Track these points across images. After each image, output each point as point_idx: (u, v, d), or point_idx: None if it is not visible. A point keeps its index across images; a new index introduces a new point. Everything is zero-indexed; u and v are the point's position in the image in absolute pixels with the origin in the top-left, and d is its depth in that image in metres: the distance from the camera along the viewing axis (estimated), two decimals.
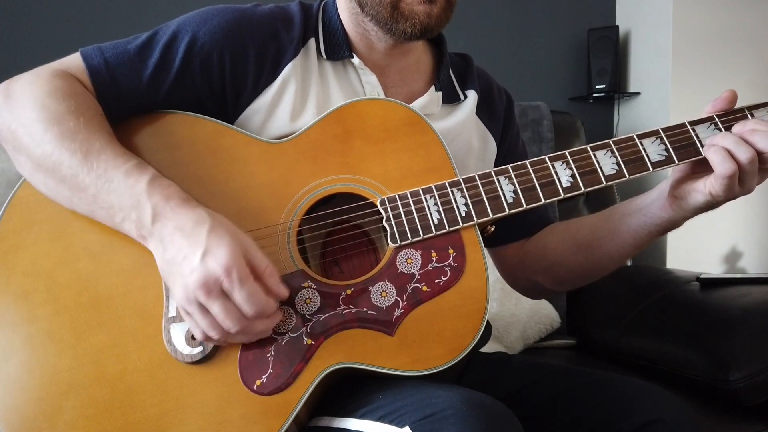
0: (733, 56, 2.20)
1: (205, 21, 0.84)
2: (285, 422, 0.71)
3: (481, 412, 0.64)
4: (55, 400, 0.72)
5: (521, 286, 1.09)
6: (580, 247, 0.94)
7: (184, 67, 0.82)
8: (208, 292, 0.66)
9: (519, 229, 1.03)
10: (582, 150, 0.81)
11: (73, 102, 0.75)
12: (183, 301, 0.68)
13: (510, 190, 0.79)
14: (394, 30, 0.85)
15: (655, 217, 0.85)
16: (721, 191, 0.76)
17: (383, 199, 0.79)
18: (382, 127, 0.82)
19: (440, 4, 0.84)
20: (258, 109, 0.85)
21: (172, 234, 0.69)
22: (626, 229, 0.88)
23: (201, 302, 0.67)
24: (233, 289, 0.66)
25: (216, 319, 0.67)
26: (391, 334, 0.74)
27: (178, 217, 0.70)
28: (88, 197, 0.73)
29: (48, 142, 0.73)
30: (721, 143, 0.76)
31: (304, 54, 0.88)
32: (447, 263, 0.77)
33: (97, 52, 0.81)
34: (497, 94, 1.03)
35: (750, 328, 1.25)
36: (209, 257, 0.66)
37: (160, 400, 0.71)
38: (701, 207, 0.80)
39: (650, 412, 0.78)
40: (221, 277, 0.66)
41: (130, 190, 0.71)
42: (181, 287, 0.67)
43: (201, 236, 0.68)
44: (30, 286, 0.75)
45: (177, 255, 0.68)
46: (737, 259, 2.21)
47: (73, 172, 0.72)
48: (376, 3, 0.84)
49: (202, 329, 0.69)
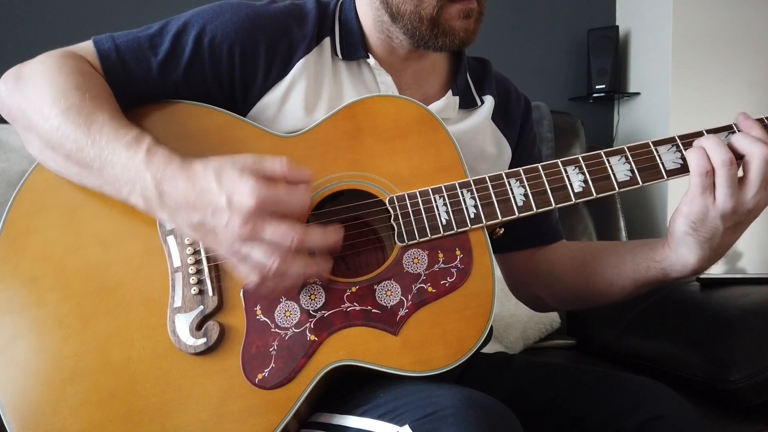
0: (733, 56, 2.20)
1: (218, 14, 0.84)
2: (285, 417, 0.71)
3: (480, 412, 0.64)
4: (60, 386, 0.72)
5: (524, 296, 1.08)
6: (585, 267, 0.93)
7: (193, 58, 0.82)
8: (252, 226, 0.65)
9: (530, 238, 1.02)
10: (595, 155, 0.80)
11: (81, 78, 0.76)
12: (237, 244, 0.66)
13: (521, 193, 0.79)
14: (431, 44, 0.85)
15: (656, 253, 0.82)
16: (694, 199, 0.74)
17: (392, 197, 0.79)
18: (393, 124, 0.82)
19: (475, 18, 0.84)
20: (268, 105, 0.85)
21: (185, 198, 0.68)
22: (631, 258, 0.86)
23: (255, 236, 0.66)
24: (273, 205, 0.66)
25: (273, 242, 0.66)
26: (394, 333, 0.73)
27: (182, 180, 0.69)
28: (94, 171, 0.73)
29: (55, 116, 0.73)
30: (702, 143, 0.75)
31: (317, 52, 0.88)
32: (454, 264, 0.76)
33: (109, 38, 0.82)
34: (515, 99, 1.03)
35: (750, 328, 1.25)
36: (235, 198, 0.65)
37: (163, 389, 0.72)
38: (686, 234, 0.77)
39: (651, 408, 0.78)
40: (255, 208, 0.65)
41: (130, 162, 0.70)
42: (230, 236, 0.66)
43: (213, 187, 0.67)
44: (39, 271, 0.75)
45: (204, 214, 0.67)
46: (737, 259, 2.21)
47: (78, 146, 0.72)
48: (415, 19, 0.83)
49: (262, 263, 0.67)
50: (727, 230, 0.76)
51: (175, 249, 0.76)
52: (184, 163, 0.70)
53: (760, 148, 0.73)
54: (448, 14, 0.82)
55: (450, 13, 0.82)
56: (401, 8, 0.83)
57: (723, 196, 0.73)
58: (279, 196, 0.66)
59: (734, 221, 0.75)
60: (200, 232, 0.69)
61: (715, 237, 0.76)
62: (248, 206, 0.65)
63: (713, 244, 0.77)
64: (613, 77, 2.24)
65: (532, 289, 1.03)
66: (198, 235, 0.69)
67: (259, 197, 0.65)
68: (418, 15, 0.83)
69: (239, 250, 0.67)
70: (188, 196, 0.68)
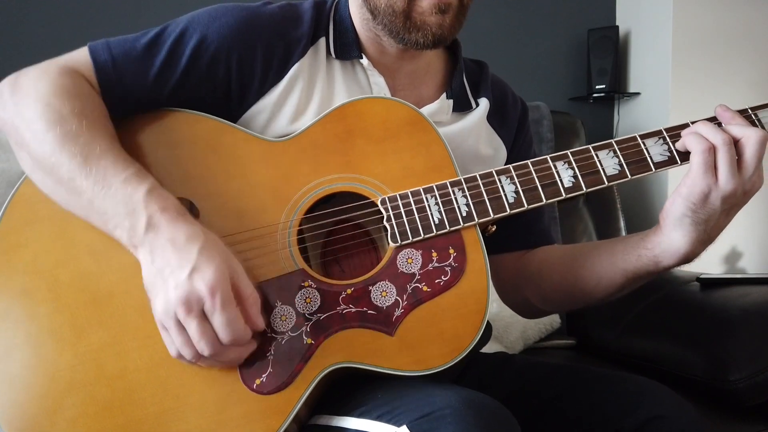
0: (733, 56, 2.20)
1: (214, 19, 0.84)
2: (284, 421, 0.71)
3: (478, 412, 0.64)
4: (56, 398, 0.71)
5: (512, 300, 1.06)
6: (574, 263, 0.92)
7: (190, 66, 0.82)
8: (188, 309, 0.66)
9: (520, 239, 1.01)
10: (584, 150, 0.80)
11: (78, 103, 0.75)
12: (162, 314, 0.67)
13: (511, 190, 0.79)
14: (406, 39, 0.84)
15: (647, 240, 0.82)
16: (696, 179, 0.75)
17: (384, 198, 0.79)
18: (383, 125, 0.82)
19: (452, 14, 0.84)
20: (263, 109, 0.85)
21: (163, 246, 0.69)
22: (621, 248, 0.85)
23: (179, 319, 0.67)
24: (214, 312, 0.66)
25: (191, 339, 0.67)
26: (391, 334, 0.73)
27: (172, 230, 0.69)
28: (83, 201, 0.73)
29: (49, 142, 0.73)
30: (696, 128, 0.77)
31: (313, 52, 0.88)
32: (447, 263, 0.76)
33: (105, 48, 0.81)
34: (512, 102, 1.03)
35: (750, 328, 1.25)
36: (196, 275, 0.66)
37: (161, 398, 0.71)
38: (684, 216, 0.76)
39: (651, 408, 0.78)
40: (205, 297, 0.66)
41: (127, 198, 0.71)
42: (163, 300, 0.67)
43: (192, 253, 0.67)
44: (31, 284, 0.75)
45: (165, 267, 0.68)
46: (737, 259, 2.21)
47: (70, 176, 0.72)
48: (389, 13, 0.83)
49: (176, 346, 0.68)
50: (722, 213, 0.77)
51: None
52: (182, 216, 0.71)
53: (754, 131, 0.76)
54: (420, 8, 0.82)
55: (422, 7, 0.82)
56: (377, 3, 0.84)
57: (726, 175, 0.74)
58: (229, 307, 0.67)
59: (730, 204, 0.76)
60: (153, 281, 0.69)
61: (711, 219, 0.76)
62: (199, 291, 0.66)
63: (708, 227, 0.77)
64: (613, 77, 2.24)
65: (520, 292, 1.02)
66: (150, 281, 0.69)
67: (212, 294, 0.66)
68: (391, 8, 0.83)
69: (162, 321, 0.68)
70: (166, 246, 0.69)
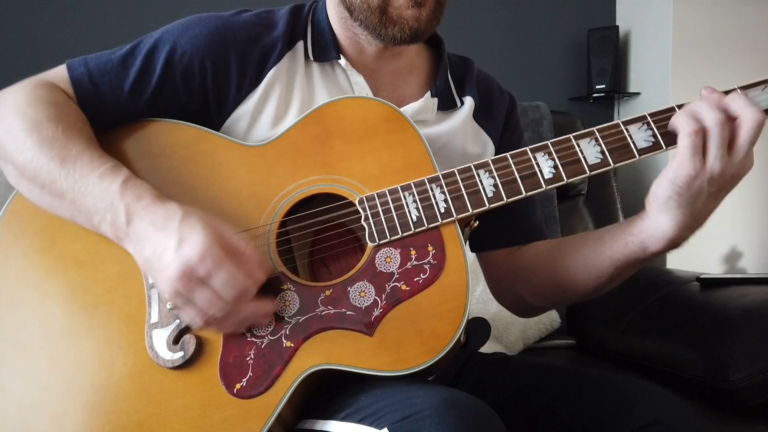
0: (733, 56, 2.20)
1: (187, 29, 0.85)
2: (265, 425, 0.70)
3: (460, 412, 0.63)
4: (44, 407, 0.73)
5: (506, 298, 1.05)
6: (563, 254, 0.90)
7: (164, 76, 0.83)
8: (188, 281, 0.67)
9: (510, 235, 1.00)
10: (565, 139, 0.78)
11: (53, 111, 0.77)
12: (169, 295, 0.69)
13: (490, 184, 0.77)
14: (383, 35, 0.84)
15: (633, 226, 0.80)
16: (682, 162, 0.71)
17: (362, 197, 0.78)
18: (361, 125, 0.81)
19: (429, 8, 0.83)
20: (242, 115, 0.85)
21: (146, 231, 0.70)
22: (608, 237, 0.83)
23: (183, 293, 0.68)
24: (210, 275, 0.67)
25: (199, 304, 0.68)
26: (370, 334, 0.72)
27: (150, 215, 0.71)
28: (66, 202, 0.74)
29: (29, 149, 0.75)
30: (689, 107, 0.73)
31: (290, 57, 0.88)
32: (426, 261, 0.75)
33: (82, 63, 0.83)
34: (498, 96, 1.02)
35: (750, 328, 1.24)
36: (183, 246, 0.67)
37: (144, 405, 0.72)
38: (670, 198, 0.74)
39: (649, 412, 0.77)
40: (197, 263, 0.66)
41: (104, 193, 0.72)
42: (164, 281, 0.68)
43: (173, 228, 0.69)
44: (20, 296, 0.77)
45: (154, 251, 0.69)
46: (737, 259, 2.20)
47: (51, 178, 0.74)
48: (365, 8, 0.83)
49: (192, 320, 0.70)
50: (710, 196, 0.73)
51: None
52: (157, 199, 0.72)
53: (753, 111, 0.71)
54: (396, 2, 0.82)
55: (397, 1, 0.82)
56: (353, 0, 0.84)
57: (713, 157, 0.71)
58: (223, 265, 0.67)
59: (718, 186, 0.73)
60: (148, 267, 0.71)
61: (698, 202, 0.73)
62: (190, 257, 0.67)
63: (695, 210, 0.74)
64: (613, 77, 2.24)
65: (513, 289, 1.00)
66: (147, 271, 0.72)
67: (202, 259, 0.66)
68: (367, 4, 0.83)
69: (173, 299, 0.69)
70: (148, 230, 0.70)
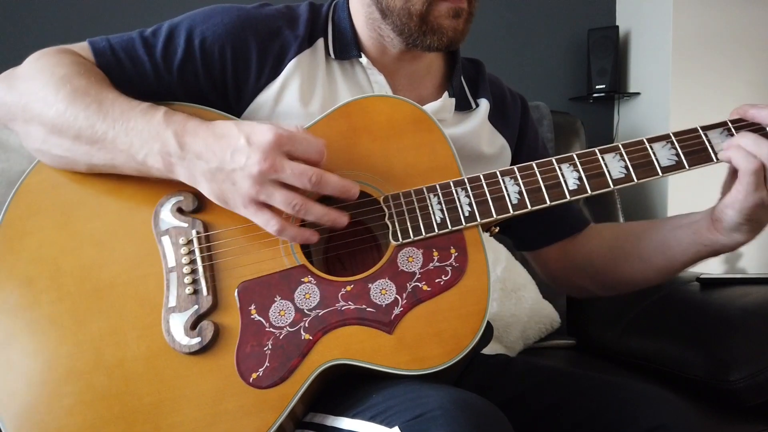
0: (733, 56, 2.20)
1: (209, 17, 0.85)
2: (279, 416, 0.71)
3: (470, 413, 0.64)
4: (54, 386, 0.72)
5: (565, 287, 1.09)
6: (629, 257, 0.93)
7: (185, 59, 0.83)
8: (272, 161, 0.69)
9: (558, 231, 1.02)
10: (590, 152, 0.79)
11: (81, 67, 0.78)
12: (254, 189, 0.70)
13: (515, 191, 0.78)
14: (419, 42, 0.85)
15: (704, 237, 0.83)
16: (748, 196, 0.74)
17: (387, 196, 0.79)
18: (388, 124, 0.82)
19: (464, 18, 0.85)
20: (262, 104, 0.86)
21: (206, 144, 0.72)
22: (676, 243, 0.87)
23: (273, 178, 0.70)
24: (291, 143, 0.71)
25: (293, 180, 0.70)
26: (389, 332, 0.73)
27: (203, 131, 0.73)
28: (106, 144, 0.75)
29: (61, 100, 0.75)
30: (739, 142, 0.75)
31: (310, 53, 0.88)
32: (448, 263, 0.76)
33: (104, 39, 0.84)
34: (511, 100, 1.03)
35: (750, 328, 1.24)
36: (252, 138, 0.70)
37: (157, 389, 0.72)
38: (740, 224, 0.78)
39: (653, 418, 0.77)
40: (274, 143, 0.70)
41: (148, 125, 0.74)
42: (245, 179, 0.70)
43: (233, 132, 0.72)
44: (34, 272, 0.76)
45: (223, 157, 0.71)
46: (737, 259, 2.21)
47: (89, 123, 0.74)
48: (404, 15, 0.83)
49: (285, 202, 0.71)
50: None
51: (169, 249, 0.77)
52: (203, 121, 0.74)
53: None
54: (437, 12, 0.83)
55: (439, 11, 0.83)
56: (391, 4, 0.84)
57: None
58: (296, 136, 0.71)
59: None
60: (218, 179, 0.72)
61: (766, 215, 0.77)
62: (267, 141, 0.69)
63: (764, 221, 0.79)
64: (613, 77, 2.24)
65: (572, 281, 1.04)
66: (216, 186, 0.72)
67: (277, 133, 0.70)
68: (407, 11, 0.83)
69: (257, 196, 0.71)
70: (208, 141, 0.72)
